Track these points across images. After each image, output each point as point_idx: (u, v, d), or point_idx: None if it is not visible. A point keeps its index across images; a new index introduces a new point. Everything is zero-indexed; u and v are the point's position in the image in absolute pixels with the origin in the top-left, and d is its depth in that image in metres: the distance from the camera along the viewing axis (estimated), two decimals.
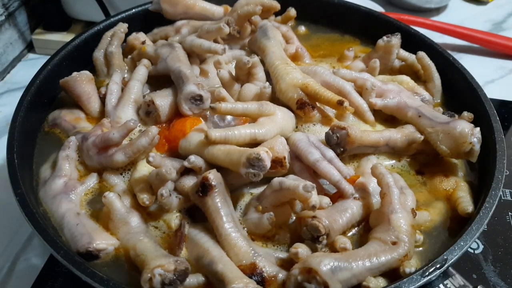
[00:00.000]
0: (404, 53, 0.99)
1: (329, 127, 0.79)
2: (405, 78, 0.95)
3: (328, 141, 0.78)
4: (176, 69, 0.85)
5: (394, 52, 0.97)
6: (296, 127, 0.84)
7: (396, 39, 0.96)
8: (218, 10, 1.05)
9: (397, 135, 0.81)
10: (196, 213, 0.73)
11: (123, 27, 0.99)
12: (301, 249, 0.65)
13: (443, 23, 1.36)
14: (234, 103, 0.78)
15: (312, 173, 0.75)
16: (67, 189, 0.75)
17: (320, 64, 0.99)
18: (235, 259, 0.65)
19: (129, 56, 0.97)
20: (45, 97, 0.91)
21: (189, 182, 0.73)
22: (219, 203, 0.68)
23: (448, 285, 0.77)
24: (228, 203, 0.70)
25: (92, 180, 0.78)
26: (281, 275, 0.65)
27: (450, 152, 0.78)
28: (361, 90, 0.88)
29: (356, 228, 0.73)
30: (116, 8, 1.21)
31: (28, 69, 1.24)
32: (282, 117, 0.80)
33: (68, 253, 0.63)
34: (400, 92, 0.88)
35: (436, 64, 0.96)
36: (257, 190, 0.76)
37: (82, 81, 0.88)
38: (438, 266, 0.63)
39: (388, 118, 0.88)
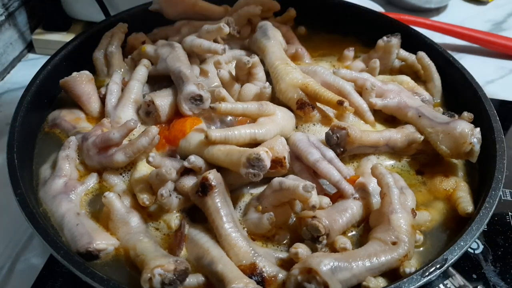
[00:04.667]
0: (404, 53, 0.99)
1: (329, 127, 0.79)
2: (405, 78, 0.95)
3: (328, 141, 0.78)
4: (176, 69, 0.85)
5: (394, 52, 0.97)
6: (296, 127, 0.84)
7: (396, 39, 0.96)
8: (218, 10, 1.05)
9: (397, 135, 0.81)
10: (196, 213, 0.73)
11: (123, 27, 0.99)
12: (301, 249, 0.65)
13: (443, 23, 1.36)
14: (234, 103, 0.78)
15: (312, 173, 0.75)
16: (67, 189, 0.75)
17: (320, 63, 0.99)
18: (235, 259, 0.65)
19: (129, 56, 0.97)
20: (45, 97, 0.91)
21: (189, 182, 0.73)
22: (219, 203, 0.68)
23: (448, 285, 0.77)
24: (228, 203, 0.70)
25: (92, 180, 0.78)
26: (281, 275, 0.65)
27: (450, 152, 0.78)
28: (361, 90, 0.88)
29: (356, 228, 0.73)
30: (116, 8, 1.21)
31: (28, 69, 1.24)
32: (282, 117, 0.80)
33: (68, 253, 0.63)
34: (400, 92, 0.88)
35: (436, 64, 0.96)
36: (257, 190, 0.76)
37: (82, 81, 0.88)
38: (438, 266, 0.63)
39: (388, 118, 0.88)
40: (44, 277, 0.79)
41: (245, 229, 0.71)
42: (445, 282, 0.77)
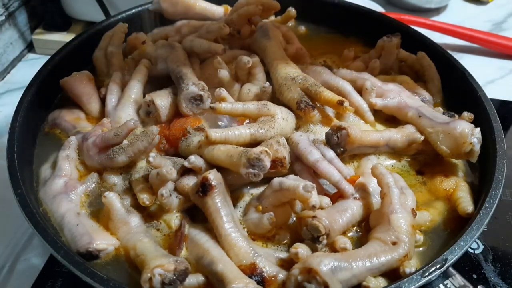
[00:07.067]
0: (404, 53, 0.99)
1: (329, 127, 0.79)
2: (405, 78, 0.95)
3: (328, 141, 0.78)
4: (176, 69, 0.85)
5: (394, 52, 0.97)
6: (296, 127, 0.84)
7: (396, 39, 0.96)
8: (218, 10, 1.05)
9: (397, 135, 0.81)
10: (196, 213, 0.73)
11: (123, 27, 0.99)
12: (301, 249, 0.65)
13: (443, 23, 1.36)
14: (234, 103, 0.78)
15: (312, 173, 0.75)
16: (67, 189, 0.75)
17: (320, 63, 0.99)
18: (235, 259, 0.65)
19: (129, 56, 0.97)
20: (45, 97, 0.91)
21: (189, 182, 0.73)
22: (219, 203, 0.68)
23: (448, 285, 0.77)
24: (228, 203, 0.70)
25: (92, 180, 0.78)
26: (281, 275, 0.65)
27: (451, 152, 0.78)
28: (361, 90, 0.88)
29: (356, 228, 0.73)
30: (116, 8, 1.21)
31: (28, 69, 1.24)
32: (282, 117, 0.80)
33: (69, 253, 0.63)
34: (400, 92, 0.88)
35: (436, 64, 0.96)
36: (257, 190, 0.76)
37: (82, 81, 0.88)
38: (438, 266, 0.63)
39: (389, 118, 0.88)
40: (44, 277, 0.79)
41: (245, 229, 0.71)
42: (445, 282, 0.77)
